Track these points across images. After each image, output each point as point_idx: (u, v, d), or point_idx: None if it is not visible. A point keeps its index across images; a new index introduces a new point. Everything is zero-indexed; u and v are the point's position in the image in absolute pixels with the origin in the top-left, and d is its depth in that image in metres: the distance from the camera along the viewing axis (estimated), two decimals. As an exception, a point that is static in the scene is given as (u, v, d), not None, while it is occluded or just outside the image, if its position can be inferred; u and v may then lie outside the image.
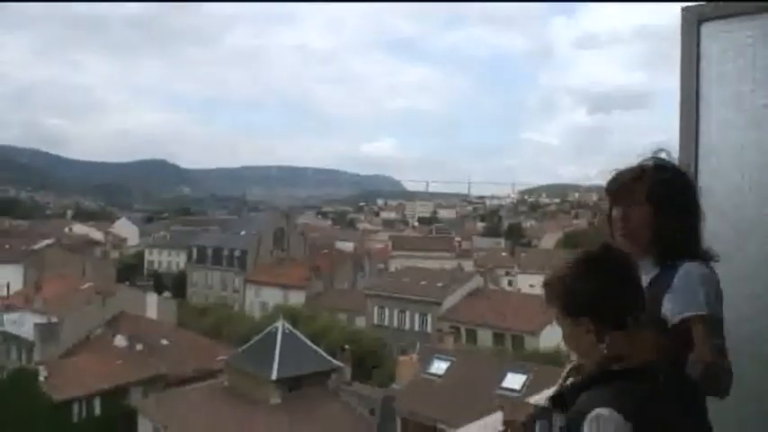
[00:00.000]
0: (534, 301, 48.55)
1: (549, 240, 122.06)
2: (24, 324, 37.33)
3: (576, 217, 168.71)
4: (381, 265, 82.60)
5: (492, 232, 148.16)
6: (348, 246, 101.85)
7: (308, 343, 31.06)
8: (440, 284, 51.88)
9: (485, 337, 45.51)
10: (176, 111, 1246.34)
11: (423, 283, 52.71)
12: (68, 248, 64.13)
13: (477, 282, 54.66)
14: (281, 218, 77.05)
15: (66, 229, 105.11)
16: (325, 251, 79.78)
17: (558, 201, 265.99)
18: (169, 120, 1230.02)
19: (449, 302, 49.75)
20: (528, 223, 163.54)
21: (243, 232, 74.26)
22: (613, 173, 2.16)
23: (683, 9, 2.42)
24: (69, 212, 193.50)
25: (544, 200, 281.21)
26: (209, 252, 72.82)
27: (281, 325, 30.70)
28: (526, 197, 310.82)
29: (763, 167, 2.45)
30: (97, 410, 30.16)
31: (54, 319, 36.66)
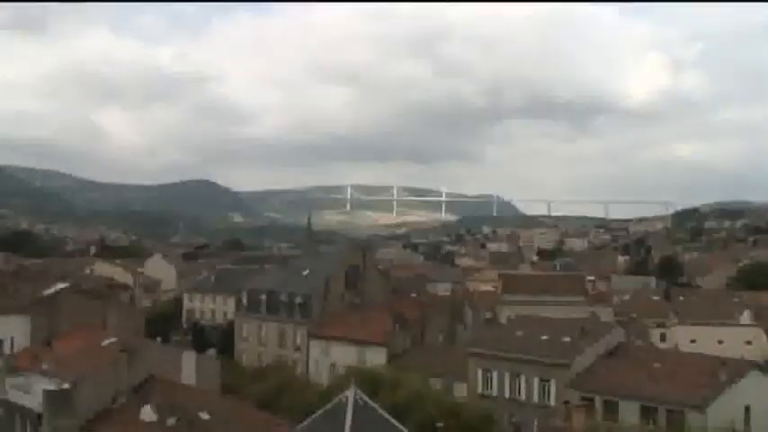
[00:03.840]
0: (699, 363, 46.68)
1: (716, 279, 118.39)
2: (31, 390, 38.35)
3: (755, 245, 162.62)
4: (488, 314, 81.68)
5: (638, 269, 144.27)
6: (444, 288, 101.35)
7: (389, 418, 30.52)
8: (567, 339, 50.69)
9: (629, 412, 43.91)
10: (219, 116, 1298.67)
11: (544, 337, 51.69)
12: (88, 293, 66.02)
13: (619, 336, 53.27)
14: (356, 253, 76.99)
15: (88, 270, 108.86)
16: (415, 295, 79.48)
17: (728, 224, 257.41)
18: (212, 128, 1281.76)
19: (580, 364, 48.42)
20: (688, 256, 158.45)
21: (306, 272, 74.85)
22: None
23: None
24: (92, 248, 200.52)
25: (710, 223, 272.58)
26: (264, 298, 73.76)
27: (352, 393, 30.27)
28: (685, 221, 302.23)
29: None
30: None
31: (67, 385, 37.42)
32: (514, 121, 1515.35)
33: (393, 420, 30.97)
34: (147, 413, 35.42)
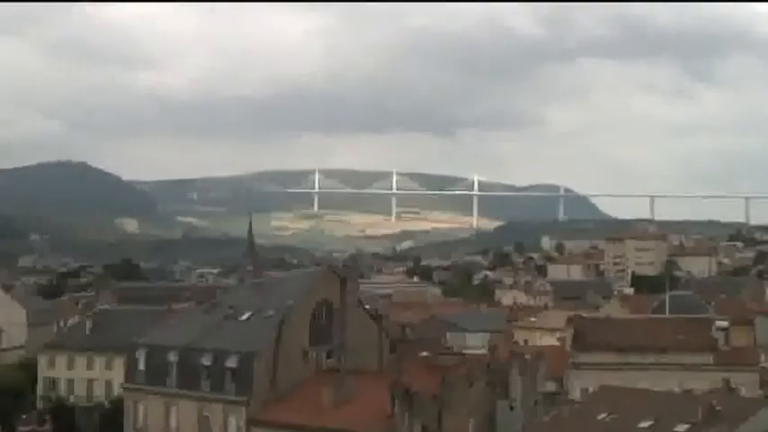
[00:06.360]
0: None
1: None
2: None
3: None
4: (551, 385, 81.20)
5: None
6: (478, 341, 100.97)
7: None
8: (684, 427, 50.60)
9: None
10: (98, 55, 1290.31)
11: (645, 424, 51.79)
12: None
13: (769, 420, 52.82)
14: (329, 282, 76.52)
15: None
16: (427, 354, 79.02)
17: None
18: (86, 76, 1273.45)
19: (704, 468, 48.27)
20: None
21: (247, 315, 74.31)
22: None
23: None
24: None
25: None
26: (175, 360, 73.04)
27: None
28: None
29: None
30: None
31: None
32: (590, 61, 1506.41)
33: None
34: None
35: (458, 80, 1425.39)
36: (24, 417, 70.70)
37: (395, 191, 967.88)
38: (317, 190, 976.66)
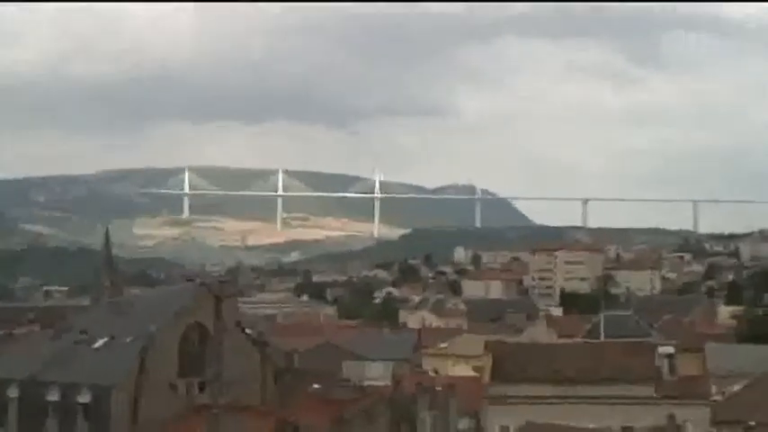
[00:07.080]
0: None
1: None
2: None
3: None
4: (466, 422, 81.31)
5: (759, 330, 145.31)
6: (379, 371, 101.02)
7: None
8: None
9: None
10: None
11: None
12: None
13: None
14: (203, 301, 76.09)
15: None
16: (319, 386, 78.89)
17: None
18: None
19: None
20: None
21: (102, 341, 73.50)
22: None
23: None
24: None
25: None
26: (14, 394, 72.18)
27: None
28: None
29: None
30: None
31: None
32: (515, 41, 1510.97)
33: None
34: None
35: (356, 63, 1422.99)
36: None
37: (280, 193, 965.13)
38: (186, 191, 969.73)
